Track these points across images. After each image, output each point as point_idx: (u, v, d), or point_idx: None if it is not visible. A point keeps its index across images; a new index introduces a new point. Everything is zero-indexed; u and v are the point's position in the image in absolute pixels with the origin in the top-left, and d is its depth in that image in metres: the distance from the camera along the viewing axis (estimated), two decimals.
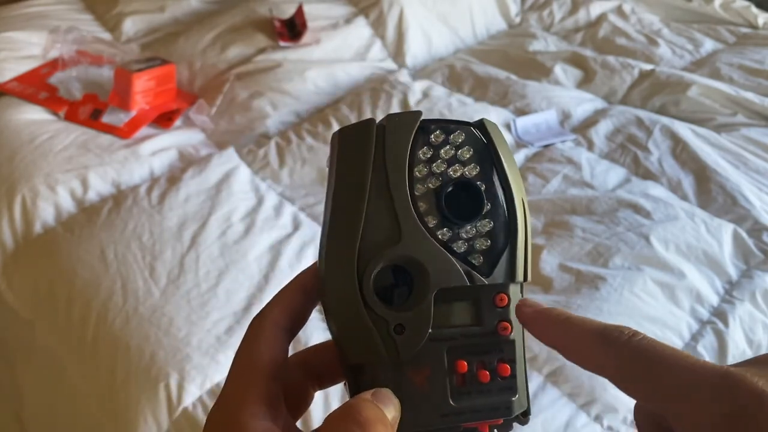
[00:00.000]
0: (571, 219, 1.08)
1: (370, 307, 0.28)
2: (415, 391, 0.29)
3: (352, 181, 0.29)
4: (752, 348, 0.94)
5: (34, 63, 1.42)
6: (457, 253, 0.29)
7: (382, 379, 0.28)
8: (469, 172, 0.30)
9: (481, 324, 0.30)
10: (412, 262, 0.29)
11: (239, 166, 1.19)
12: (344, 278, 0.28)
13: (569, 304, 0.93)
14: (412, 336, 0.29)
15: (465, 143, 0.30)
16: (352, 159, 0.29)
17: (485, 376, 0.29)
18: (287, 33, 1.55)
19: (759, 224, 1.09)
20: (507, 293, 0.30)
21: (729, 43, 1.75)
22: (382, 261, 0.29)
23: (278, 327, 0.30)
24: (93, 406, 0.91)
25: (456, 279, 0.29)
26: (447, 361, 0.29)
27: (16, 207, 1.09)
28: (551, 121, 1.38)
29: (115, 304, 0.93)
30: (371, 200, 0.29)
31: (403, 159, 0.29)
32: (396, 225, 0.29)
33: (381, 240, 0.29)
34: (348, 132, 0.30)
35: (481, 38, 1.82)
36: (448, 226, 0.29)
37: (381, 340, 0.28)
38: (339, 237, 0.29)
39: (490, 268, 0.30)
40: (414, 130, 0.30)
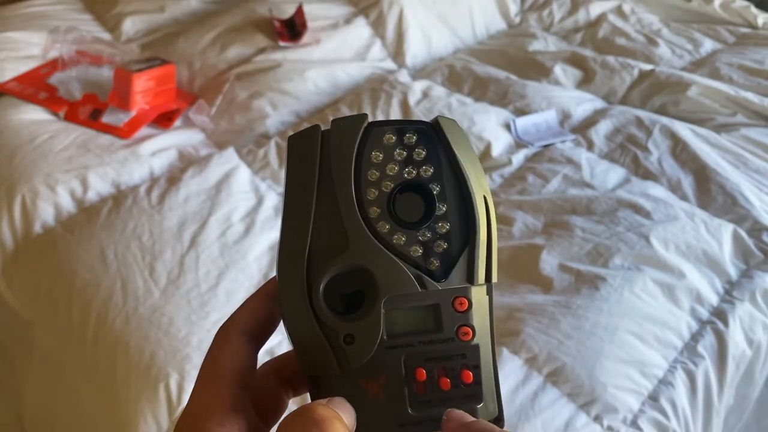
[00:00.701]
0: (571, 219, 1.08)
1: (320, 319, 0.28)
2: (371, 400, 0.28)
3: (299, 191, 0.29)
4: (752, 348, 0.94)
5: (34, 63, 1.42)
6: (410, 258, 0.29)
7: (337, 390, 0.28)
8: (424, 173, 0.29)
9: (441, 330, 0.29)
10: (359, 270, 0.28)
11: (239, 166, 1.19)
12: (294, 290, 0.28)
13: (569, 304, 0.93)
14: (362, 345, 0.28)
15: (418, 144, 0.29)
16: (298, 168, 0.29)
17: (446, 384, 0.29)
18: (287, 33, 1.55)
19: (759, 224, 1.09)
20: (467, 297, 0.29)
21: (729, 43, 1.75)
22: (329, 271, 0.28)
23: (244, 335, 0.29)
24: (93, 406, 0.91)
25: (406, 285, 0.28)
26: (405, 369, 0.29)
27: (16, 207, 1.09)
28: (551, 121, 1.38)
29: (115, 304, 0.93)
30: (318, 209, 0.28)
31: (348, 164, 0.29)
32: (344, 233, 0.28)
33: (329, 249, 0.28)
34: (295, 140, 0.29)
35: (480, 38, 1.82)
36: (401, 231, 0.29)
37: (332, 352, 0.28)
38: (289, 248, 0.28)
39: (445, 272, 0.29)
40: (359, 134, 0.29)
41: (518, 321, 0.91)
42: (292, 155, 0.29)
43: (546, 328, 0.90)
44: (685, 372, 0.88)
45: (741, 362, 0.94)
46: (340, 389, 0.28)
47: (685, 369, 0.88)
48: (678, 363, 0.89)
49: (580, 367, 0.86)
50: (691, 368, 0.88)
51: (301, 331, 0.28)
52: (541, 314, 0.92)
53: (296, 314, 0.28)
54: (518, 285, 0.98)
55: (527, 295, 0.96)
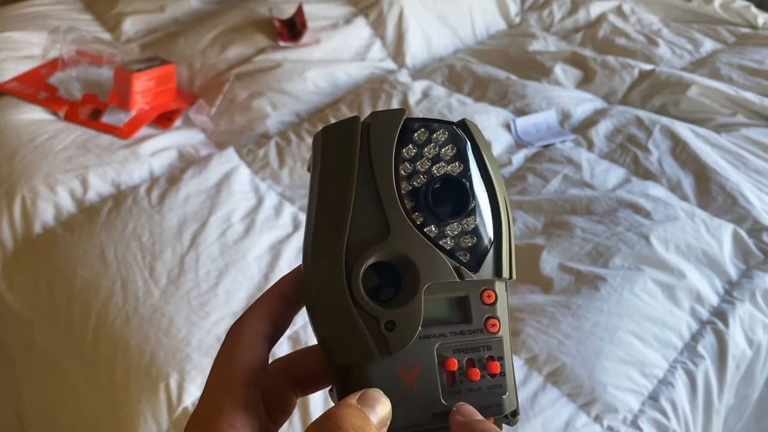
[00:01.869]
0: (571, 219, 1.08)
1: (360, 305, 0.28)
2: (406, 389, 0.28)
3: (337, 179, 0.29)
4: (752, 348, 0.94)
5: (34, 63, 1.42)
6: (445, 250, 0.29)
7: (372, 378, 0.28)
8: (452, 170, 0.30)
9: (470, 321, 0.30)
10: (401, 257, 0.29)
11: (239, 166, 1.19)
12: (332, 276, 0.28)
13: (569, 304, 0.93)
14: (403, 332, 0.28)
15: (448, 141, 0.30)
16: (337, 157, 0.29)
17: (475, 374, 0.29)
18: (287, 33, 1.55)
19: (759, 224, 1.09)
20: (494, 290, 0.30)
21: (729, 43, 1.75)
22: (371, 257, 0.28)
23: (257, 334, 0.29)
24: (93, 406, 0.91)
25: (445, 274, 0.29)
26: (437, 359, 0.29)
27: (16, 207, 1.09)
28: (551, 121, 1.38)
29: (115, 304, 0.93)
30: (358, 197, 0.29)
31: (389, 155, 0.29)
32: (384, 221, 0.29)
33: (369, 237, 0.28)
34: (332, 130, 0.30)
35: (480, 38, 1.82)
36: (434, 224, 0.29)
37: (371, 339, 0.28)
38: (326, 234, 0.28)
39: (477, 265, 0.30)
40: (399, 127, 0.30)
41: (518, 321, 0.91)
42: (329, 144, 0.29)
43: (546, 328, 0.90)
44: (685, 372, 0.88)
45: (741, 362, 0.94)
46: (377, 378, 0.28)
47: (685, 369, 0.88)
48: (678, 363, 0.89)
49: (580, 367, 0.85)
50: (691, 368, 0.88)
51: (337, 317, 0.28)
52: (541, 314, 0.92)
53: (334, 300, 0.28)
54: (518, 285, 0.98)
55: (527, 295, 0.96)
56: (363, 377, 0.28)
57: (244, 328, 0.29)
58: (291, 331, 0.90)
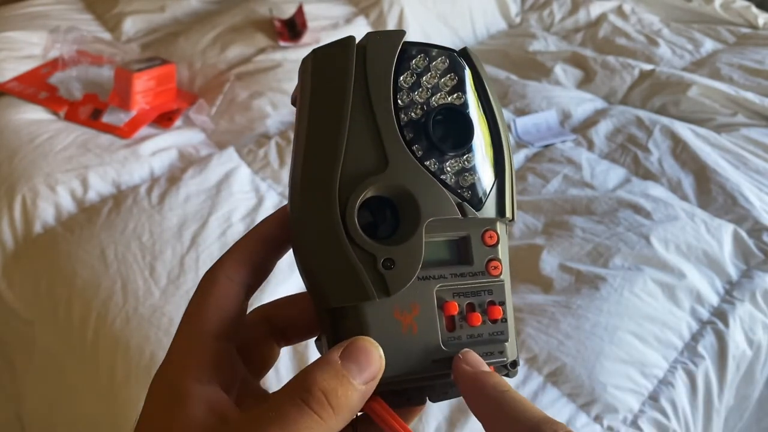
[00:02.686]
0: (571, 219, 1.08)
1: (355, 242, 0.25)
2: (404, 334, 0.26)
3: (329, 104, 0.26)
4: (752, 348, 0.94)
5: (34, 63, 1.42)
6: (447, 185, 0.27)
7: (368, 322, 0.26)
8: (453, 102, 0.28)
9: (471, 263, 0.27)
10: (401, 190, 0.26)
11: (239, 166, 1.19)
12: (325, 209, 0.25)
13: (569, 304, 0.93)
14: (403, 271, 0.26)
15: (449, 70, 0.28)
16: (329, 80, 0.26)
17: (476, 319, 0.27)
18: (287, 33, 1.55)
19: (759, 224, 1.09)
20: (496, 230, 0.28)
21: (729, 43, 1.75)
22: (367, 190, 0.26)
23: (231, 281, 0.27)
24: (93, 406, 0.91)
25: (448, 210, 0.27)
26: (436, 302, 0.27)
27: (16, 207, 1.09)
28: (551, 121, 1.38)
29: (115, 304, 0.93)
30: (352, 125, 0.26)
31: (387, 80, 0.27)
32: (381, 151, 0.26)
33: (365, 168, 0.26)
34: (324, 51, 0.27)
35: (481, 38, 1.82)
36: (434, 157, 0.27)
37: (368, 277, 0.25)
38: (317, 165, 0.26)
39: (479, 203, 0.27)
40: (398, 50, 0.27)
41: (518, 321, 0.91)
42: (320, 67, 0.27)
43: (546, 328, 0.90)
44: (685, 372, 0.88)
45: (741, 362, 0.94)
46: (373, 321, 0.26)
47: (686, 369, 0.88)
48: (678, 363, 0.89)
49: (580, 367, 0.85)
50: (692, 368, 0.88)
51: (330, 254, 0.25)
52: (541, 314, 0.92)
53: (326, 237, 0.25)
54: (518, 285, 0.98)
55: (527, 295, 0.96)
56: (357, 321, 0.26)
57: (217, 276, 0.27)
58: None
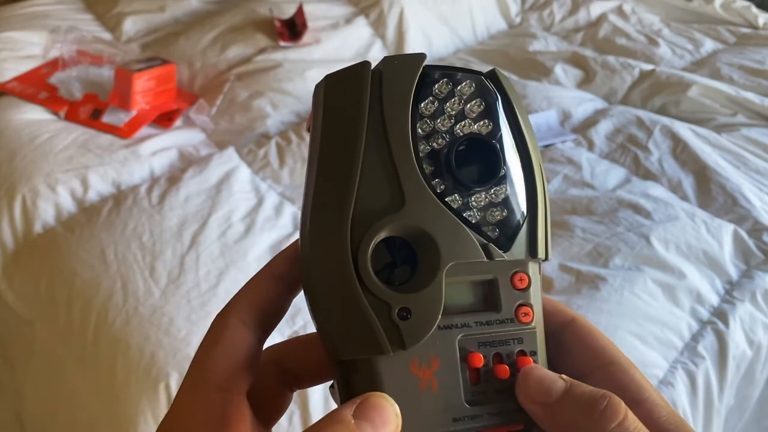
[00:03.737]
0: (572, 219, 1.08)
1: (368, 289, 0.23)
2: (422, 390, 0.24)
3: (342, 136, 0.24)
4: (752, 348, 0.94)
5: (34, 63, 1.42)
6: (470, 223, 0.24)
7: (381, 376, 0.23)
8: (479, 130, 0.25)
9: (498, 309, 0.25)
10: (419, 232, 0.24)
11: (239, 166, 1.19)
12: (335, 252, 0.23)
13: (569, 304, 0.93)
14: (419, 321, 0.23)
15: (475, 95, 0.25)
16: (342, 109, 0.24)
17: (504, 372, 0.24)
18: (287, 33, 1.55)
19: (759, 224, 1.09)
20: (527, 273, 0.25)
21: (729, 43, 1.75)
22: (382, 231, 0.23)
23: (244, 325, 0.25)
24: (93, 406, 0.91)
25: (472, 253, 0.24)
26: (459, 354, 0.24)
27: (17, 207, 1.09)
28: (551, 121, 1.38)
29: (115, 304, 0.93)
30: (366, 158, 0.24)
31: (405, 109, 0.24)
32: (398, 188, 0.24)
33: (379, 206, 0.23)
34: (337, 78, 0.25)
35: (481, 38, 1.82)
36: (458, 192, 0.24)
37: (381, 329, 0.23)
38: (327, 203, 0.24)
39: (508, 242, 0.25)
40: (417, 76, 0.25)
41: None
42: (333, 95, 0.25)
43: None
44: (685, 372, 0.88)
45: (741, 362, 0.94)
46: (387, 376, 0.23)
47: (686, 369, 0.88)
48: (678, 363, 0.89)
49: None
50: (692, 368, 0.88)
51: (341, 302, 0.23)
52: None
53: (336, 283, 0.23)
54: None
55: None
56: (370, 375, 0.23)
57: (228, 319, 0.25)
58: (291, 331, 0.89)
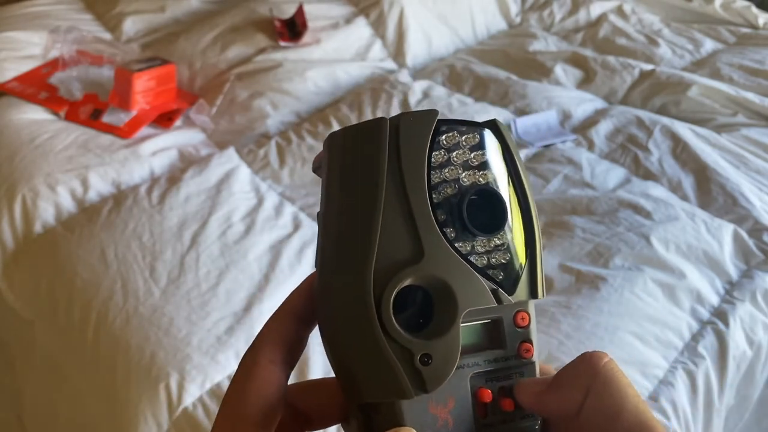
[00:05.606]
0: (572, 219, 1.08)
1: (390, 336, 0.24)
2: (439, 428, 0.26)
3: (362, 188, 0.25)
4: (753, 348, 0.94)
5: (34, 63, 1.42)
6: (477, 268, 0.26)
7: (404, 418, 0.25)
8: (482, 179, 0.27)
9: (504, 347, 0.27)
10: (438, 282, 0.25)
11: (239, 166, 1.19)
12: (359, 301, 0.24)
13: (569, 304, 0.93)
14: (440, 367, 0.25)
15: (478, 146, 0.27)
16: (361, 162, 0.26)
17: (509, 405, 0.27)
18: (287, 33, 1.55)
19: (759, 224, 1.09)
20: (528, 312, 0.28)
21: (729, 43, 1.75)
22: (404, 281, 0.25)
23: (273, 365, 0.26)
24: (93, 406, 0.91)
25: (484, 299, 0.26)
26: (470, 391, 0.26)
27: (17, 207, 1.09)
28: (551, 122, 1.38)
29: (116, 304, 0.93)
30: (387, 211, 0.25)
31: (421, 163, 0.26)
32: (417, 239, 0.25)
33: (399, 257, 0.25)
34: (356, 131, 0.26)
35: (481, 38, 1.82)
36: (466, 239, 0.26)
37: (404, 374, 0.24)
38: (350, 252, 0.25)
39: (512, 285, 0.27)
40: (431, 131, 0.26)
41: None
42: (351, 146, 0.26)
43: (546, 329, 0.90)
44: (685, 372, 0.88)
45: (741, 362, 0.93)
46: (409, 418, 0.25)
47: (686, 369, 0.88)
48: (678, 363, 0.89)
49: None
50: (692, 368, 0.88)
51: (364, 350, 0.25)
52: (542, 314, 0.92)
53: (360, 330, 0.24)
54: None
55: None
56: (392, 417, 0.25)
57: (258, 358, 0.26)
58: None
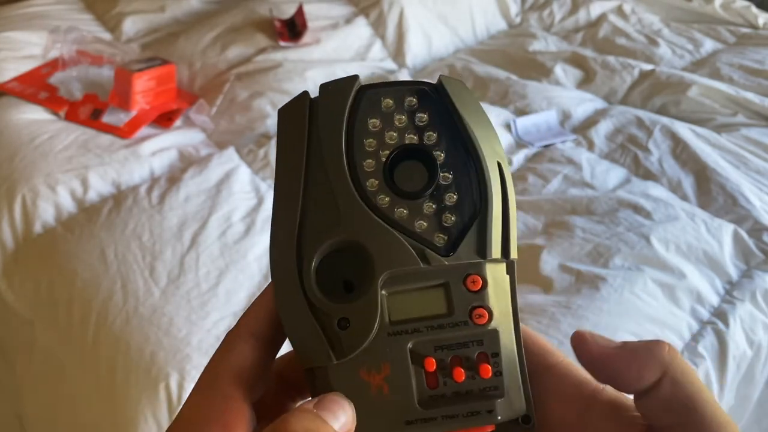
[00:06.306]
0: (572, 219, 1.08)
1: (312, 303, 0.25)
2: (373, 395, 0.25)
3: (287, 166, 0.26)
4: (753, 348, 0.94)
5: (34, 63, 1.42)
6: (413, 233, 0.25)
7: (333, 383, 0.25)
8: (427, 140, 0.26)
9: (451, 313, 0.26)
10: (353, 244, 0.25)
11: (239, 166, 1.19)
12: (285, 272, 0.25)
13: (569, 304, 0.93)
14: (357, 330, 0.25)
15: (420, 107, 0.26)
16: (287, 140, 0.27)
17: (460, 375, 0.25)
18: (287, 33, 1.55)
19: (759, 224, 1.09)
20: (481, 274, 0.26)
21: (729, 43, 1.75)
22: (320, 247, 0.25)
23: (254, 338, 0.26)
24: (93, 406, 0.91)
25: (407, 260, 0.25)
26: (411, 359, 0.25)
27: (17, 207, 1.09)
28: (551, 122, 1.38)
29: (115, 304, 0.93)
30: (308, 183, 0.26)
31: (338, 132, 0.26)
32: (335, 206, 0.25)
33: (320, 225, 0.25)
34: (284, 110, 0.27)
35: (481, 38, 1.82)
36: (404, 204, 0.26)
37: (326, 339, 0.25)
38: (278, 229, 0.26)
39: (452, 246, 0.25)
40: (349, 99, 0.26)
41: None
42: (281, 127, 0.27)
43: (546, 329, 0.90)
44: None
45: (741, 362, 0.93)
46: (337, 382, 0.25)
47: None
48: None
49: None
50: None
51: (293, 317, 0.25)
52: (542, 314, 0.92)
53: (288, 299, 0.25)
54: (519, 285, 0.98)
55: (527, 296, 0.96)
56: (324, 382, 0.25)
57: (240, 332, 0.26)
58: None
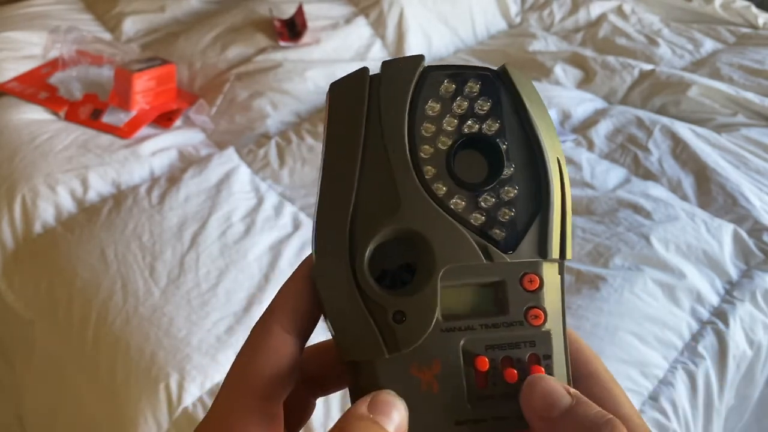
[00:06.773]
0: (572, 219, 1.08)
1: (365, 293, 0.24)
2: (423, 392, 0.24)
3: (342, 145, 0.25)
4: (752, 348, 0.94)
5: (34, 63, 1.42)
6: (472, 226, 0.24)
7: (382, 378, 0.24)
8: (488, 129, 0.25)
9: (506, 312, 0.25)
10: (414, 235, 0.24)
11: (239, 166, 1.19)
12: (333, 259, 0.24)
13: (569, 304, 0.93)
14: (414, 324, 0.24)
15: (482, 94, 0.25)
16: (341, 117, 0.25)
17: (512, 376, 0.24)
18: (287, 33, 1.55)
19: (759, 224, 1.09)
20: (538, 274, 0.25)
21: (729, 43, 1.75)
22: (376, 237, 0.24)
23: (286, 332, 0.25)
24: (93, 406, 0.91)
25: (469, 255, 0.24)
26: (463, 357, 0.24)
27: (16, 207, 1.09)
28: None
29: (115, 304, 0.93)
30: (365, 165, 0.24)
31: (401, 114, 0.25)
32: (394, 193, 0.24)
33: (377, 212, 0.24)
34: (339, 86, 0.25)
35: (481, 38, 1.82)
36: (462, 195, 0.25)
37: (378, 332, 0.24)
38: (328, 211, 0.24)
39: (514, 243, 0.25)
40: (415, 78, 0.25)
41: None
42: (334, 103, 0.25)
43: None
44: (685, 372, 0.88)
45: (741, 362, 0.94)
46: (387, 377, 0.24)
47: (686, 369, 0.88)
48: (678, 363, 0.89)
49: None
50: (692, 368, 0.88)
51: (341, 307, 0.24)
52: None
53: (336, 287, 0.24)
54: None
55: None
56: (371, 377, 0.24)
57: (269, 326, 0.25)
58: None
